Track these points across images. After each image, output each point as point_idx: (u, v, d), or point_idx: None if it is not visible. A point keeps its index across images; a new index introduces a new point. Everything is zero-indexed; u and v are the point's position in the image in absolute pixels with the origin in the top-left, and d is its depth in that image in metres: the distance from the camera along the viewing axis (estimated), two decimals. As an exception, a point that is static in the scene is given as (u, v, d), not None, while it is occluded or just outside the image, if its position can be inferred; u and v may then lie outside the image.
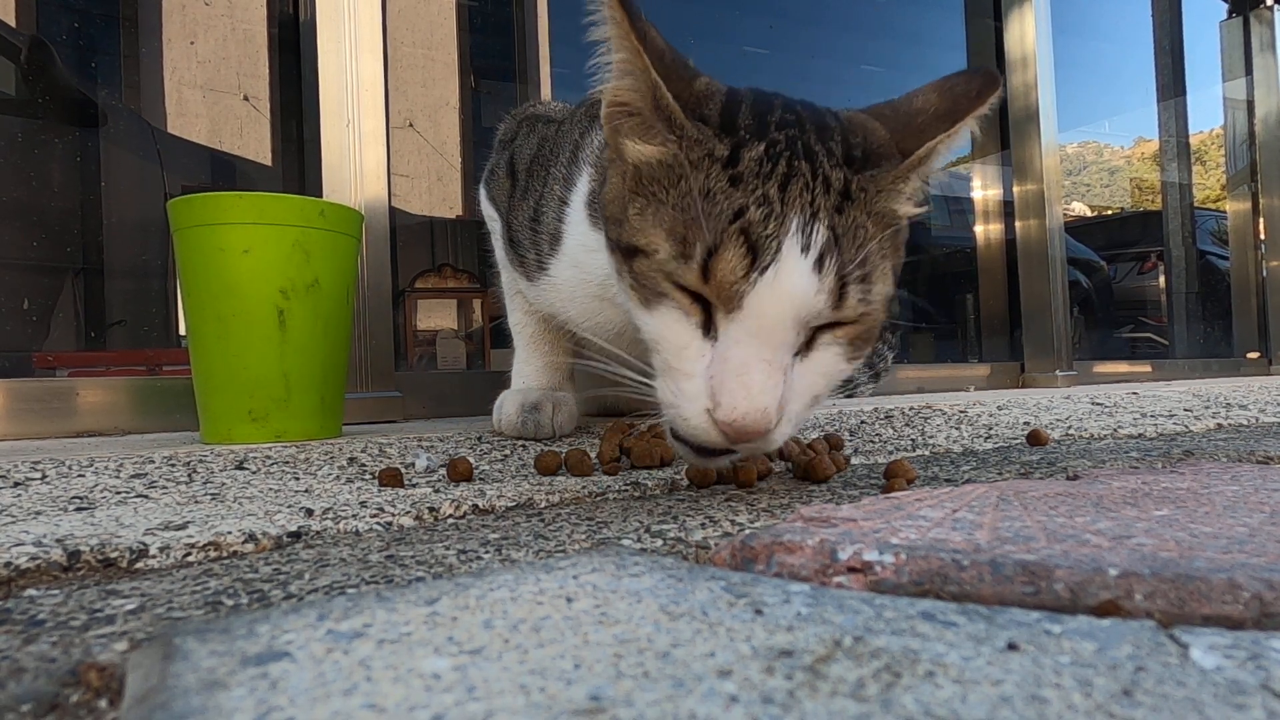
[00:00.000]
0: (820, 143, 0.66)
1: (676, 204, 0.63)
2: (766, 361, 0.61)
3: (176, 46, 2.57)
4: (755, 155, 0.63)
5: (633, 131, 0.68)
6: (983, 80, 0.71)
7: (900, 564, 0.45)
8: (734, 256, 0.60)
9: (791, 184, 0.62)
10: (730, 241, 0.60)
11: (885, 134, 0.71)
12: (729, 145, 0.64)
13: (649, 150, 0.66)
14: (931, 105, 0.71)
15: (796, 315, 0.61)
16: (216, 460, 0.91)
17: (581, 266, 0.96)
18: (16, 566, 0.53)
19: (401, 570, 0.52)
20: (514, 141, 1.20)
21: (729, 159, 0.63)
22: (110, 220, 2.30)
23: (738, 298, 0.60)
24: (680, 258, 0.62)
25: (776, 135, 0.65)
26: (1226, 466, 0.83)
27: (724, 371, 0.60)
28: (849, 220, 0.64)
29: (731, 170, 0.63)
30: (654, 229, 0.64)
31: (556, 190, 1.01)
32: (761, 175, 0.63)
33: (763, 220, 0.61)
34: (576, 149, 1.01)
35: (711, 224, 0.61)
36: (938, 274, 3.99)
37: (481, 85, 3.52)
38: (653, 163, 0.66)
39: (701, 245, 0.61)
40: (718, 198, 0.62)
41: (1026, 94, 2.81)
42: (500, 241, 1.16)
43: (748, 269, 0.60)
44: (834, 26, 4.14)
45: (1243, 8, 3.89)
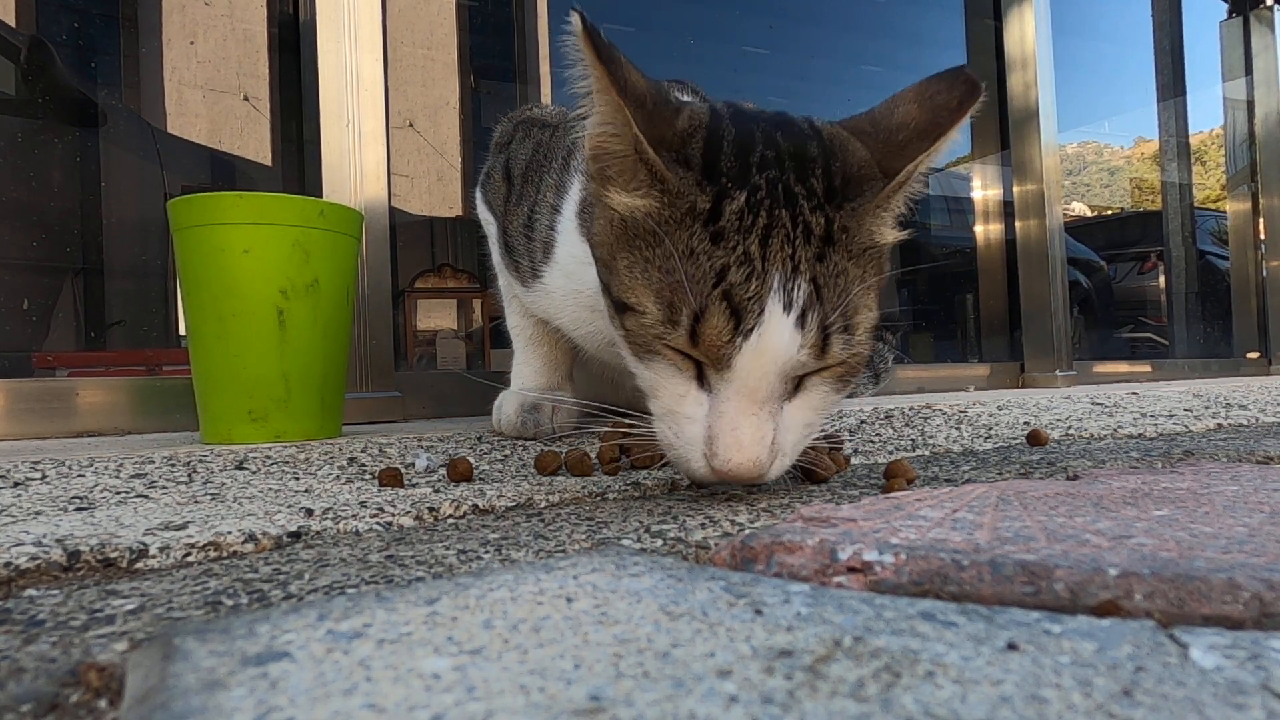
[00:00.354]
0: (800, 182, 0.66)
1: (662, 266, 0.64)
2: (755, 415, 0.63)
3: (176, 46, 2.57)
4: (736, 208, 0.63)
5: (617, 178, 0.67)
6: (964, 89, 0.69)
7: (900, 564, 0.45)
8: (719, 322, 0.61)
9: (772, 238, 0.63)
10: (714, 307, 0.61)
11: (866, 154, 0.70)
12: (710, 196, 0.64)
13: (633, 202, 0.66)
14: (912, 119, 0.70)
15: (781, 372, 0.63)
16: (216, 460, 0.91)
17: (573, 277, 0.96)
18: (16, 566, 0.53)
19: (401, 570, 0.52)
20: (510, 145, 1.20)
21: (710, 213, 0.63)
22: (110, 220, 2.30)
23: (726, 359, 0.62)
24: (668, 323, 0.63)
25: (758, 180, 0.65)
26: (1226, 466, 0.83)
27: (718, 426, 0.64)
28: (830, 268, 0.65)
29: (713, 227, 0.63)
30: (643, 289, 0.65)
31: (549, 198, 1.02)
32: (743, 230, 0.63)
33: (744, 281, 0.62)
34: (569, 156, 1.01)
35: (696, 289, 0.62)
36: (938, 274, 3.99)
37: (481, 85, 3.52)
38: (636, 215, 0.66)
39: (688, 311, 0.62)
40: (700, 258, 0.63)
41: (1026, 94, 2.81)
42: (496, 245, 1.17)
43: (732, 333, 0.61)
44: (834, 26, 4.15)
45: (1243, 8, 3.89)
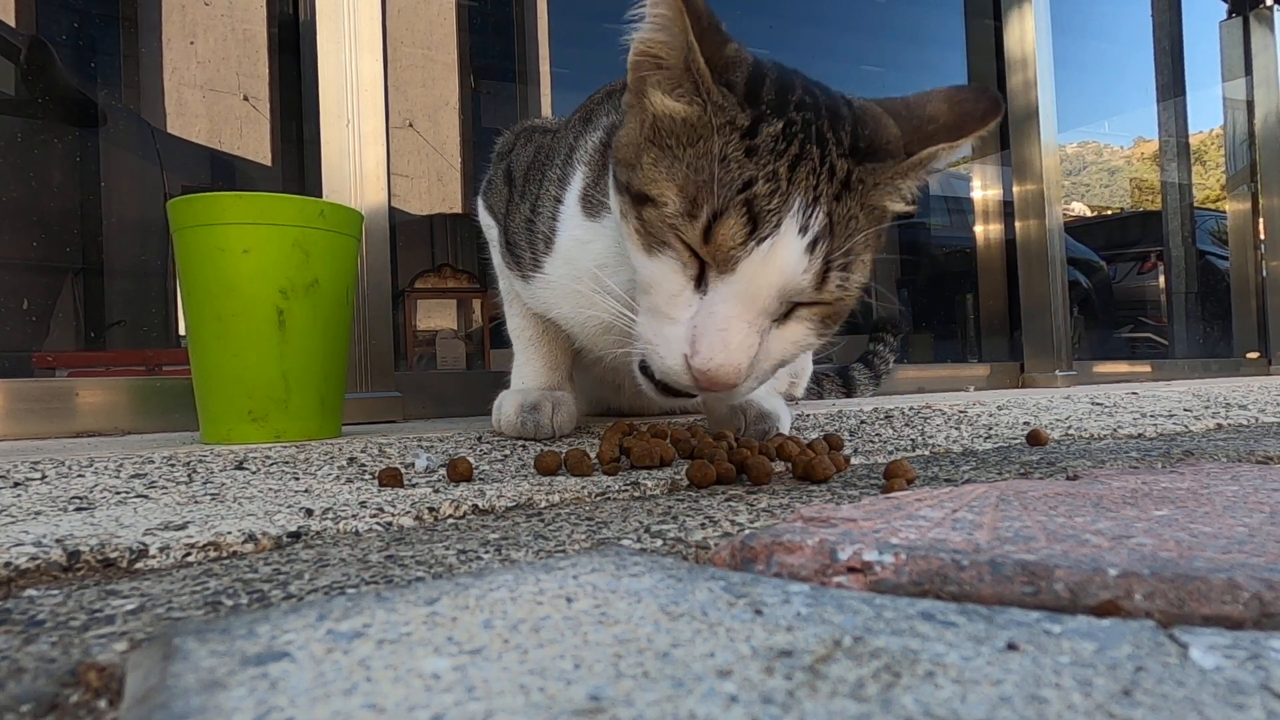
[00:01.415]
0: (832, 129, 0.69)
1: (691, 163, 0.66)
2: (747, 322, 0.66)
3: (176, 46, 2.57)
4: (773, 132, 0.66)
5: (660, 85, 0.70)
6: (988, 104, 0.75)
7: (900, 564, 0.45)
8: (736, 223, 0.64)
9: (801, 165, 0.66)
10: (735, 209, 0.64)
11: (896, 131, 0.74)
12: (750, 117, 0.67)
13: (674, 106, 0.69)
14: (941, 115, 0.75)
15: (782, 288, 0.66)
16: (216, 460, 0.91)
17: (573, 262, 0.98)
18: (16, 566, 0.53)
19: (401, 570, 0.52)
20: (512, 153, 1.21)
21: (748, 130, 0.66)
22: (110, 220, 2.30)
23: (732, 262, 0.65)
24: (687, 215, 0.65)
25: (794, 115, 0.68)
26: (1226, 466, 0.83)
27: (707, 324, 0.66)
28: (845, 209, 0.68)
29: (749, 141, 0.66)
30: (667, 182, 0.67)
31: (551, 191, 1.03)
32: (775, 152, 0.66)
33: (768, 195, 0.64)
34: (571, 151, 1.03)
35: (721, 189, 0.64)
36: (938, 274, 3.99)
37: (481, 85, 3.52)
38: (675, 118, 0.69)
39: (709, 207, 0.64)
40: (731, 165, 0.65)
41: (1026, 94, 2.81)
42: (497, 248, 1.18)
43: (746, 237, 0.64)
44: (834, 26, 4.14)
45: (1243, 8, 3.89)
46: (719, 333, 0.65)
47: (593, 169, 0.97)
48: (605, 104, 1.05)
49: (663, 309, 0.69)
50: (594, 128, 1.02)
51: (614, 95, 1.07)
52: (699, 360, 0.66)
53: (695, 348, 0.66)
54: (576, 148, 1.02)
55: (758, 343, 0.67)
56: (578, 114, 1.09)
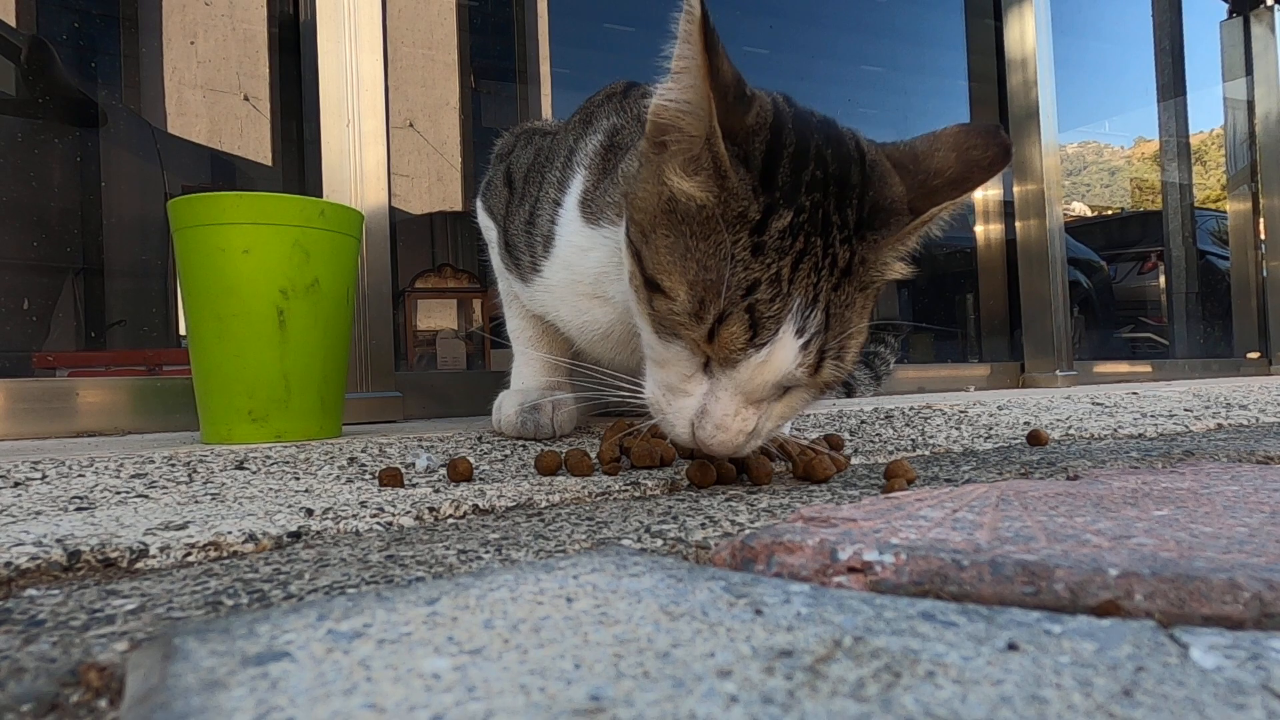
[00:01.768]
0: (838, 210, 0.71)
1: (702, 262, 0.69)
2: (744, 409, 0.72)
3: (176, 46, 2.57)
4: (781, 227, 0.68)
5: (678, 156, 0.71)
6: (996, 150, 0.75)
7: (900, 564, 0.45)
8: (738, 330, 0.68)
9: (804, 262, 0.69)
10: (738, 315, 0.67)
11: (901, 190, 0.75)
12: (762, 207, 0.69)
13: (689, 187, 0.70)
14: (948, 166, 0.76)
15: (778, 382, 0.71)
16: (216, 460, 0.91)
17: (573, 267, 0.98)
18: (16, 566, 0.53)
19: (401, 570, 0.52)
20: (511, 154, 1.21)
21: (758, 225, 0.68)
22: (110, 220, 2.30)
23: (733, 362, 0.69)
24: (694, 317, 0.69)
25: (804, 200, 0.69)
26: (1226, 466, 0.83)
27: (712, 408, 0.71)
28: (842, 298, 0.71)
29: (757, 239, 0.68)
30: (679, 276, 0.70)
31: (551, 193, 1.03)
32: (781, 250, 0.68)
33: (770, 300, 0.67)
34: (571, 154, 1.03)
35: (728, 293, 0.67)
36: (938, 274, 3.99)
37: (481, 85, 3.52)
38: (690, 203, 0.70)
39: (714, 311, 0.68)
40: (739, 268, 0.68)
41: (1026, 94, 2.81)
42: (497, 249, 1.18)
43: (746, 343, 0.68)
44: (834, 26, 4.14)
45: (1243, 8, 3.89)
46: (721, 417, 0.71)
47: (592, 172, 0.97)
48: (605, 105, 1.05)
49: (675, 385, 0.74)
50: (594, 130, 1.02)
51: (614, 97, 1.07)
52: (704, 435, 0.72)
53: (701, 423, 0.72)
54: (576, 150, 1.02)
55: (755, 420, 0.72)
56: (577, 116, 1.10)
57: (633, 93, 1.06)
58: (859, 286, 0.72)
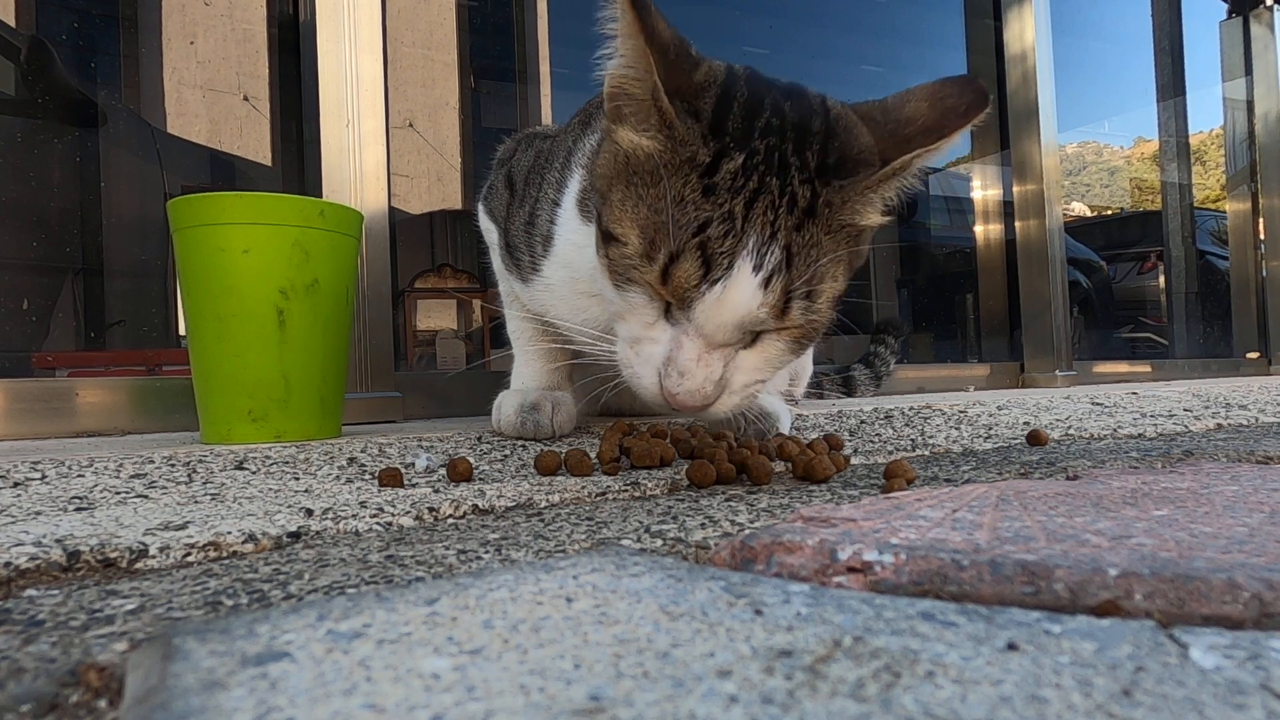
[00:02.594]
0: (797, 152, 0.70)
1: (652, 205, 0.69)
2: (707, 354, 0.71)
3: (176, 46, 2.57)
4: (732, 168, 0.68)
5: (630, 117, 0.72)
6: (972, 97, 0.74)
7: (900, 564, 0.45)
8: (690, 267, 0.67)
9: (758, 200, 0.68)
10: (689, 252, 0.67)
11: (870, 140, 0.74)
12: (711, 151, 0.69)
13: (640, 141, 0.71)
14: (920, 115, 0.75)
15: (739, 324, 0.70)
16: (216, 460, 0.91)
17: (571, 265, 0.99)
18: (16, 566, 0.53)
19: (401, 570, 0.52)
20: (513, 159, 1.22)
21: (707, 167, 0.68)
22: (110, 220, 2.30)
23: (689, 302, 0.69)
24: (645, 259, 0.69)
25: (758, 144, 0.69)
26: (1226, 466, 0.83)
27: (673, 355, 0.71)
28: (806, 238, 0.70)
29: (707, 180, 0.68)
30: (630, 223, 0.70)
31: (550, 194, 1.04)
32: (733, 190, 0.68)
33: (721, 236, 0.67)
34: (569, 154, 1.04)
35: (677, 233, 0.67)
36: (937, 274, 3.99)
37: (481, 85, 3.52)
38: (640, 154, 0.71)
39: (665, 251, 0.68)
40: (688, 207, 0.68)
41: (1026, 94, 2.81)
42: (497, 251, 1.19)
43: (699, 280, 0.67)
44: (834, 26, 4.14)
45: (1243, 8, 3.88)
46: (682, 365, 0.71)
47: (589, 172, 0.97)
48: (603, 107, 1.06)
49: (640, 335, 0.74)
50: (591, 130, 1.03)
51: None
52: (670, 384, 0.71)
53: (666, 372, 0.71)
54: (574, 151, 1.03)
55: (720, 369, 0.71)
56: (577, 118, 1.11)
57: None
58: (825, 230, 0.71)
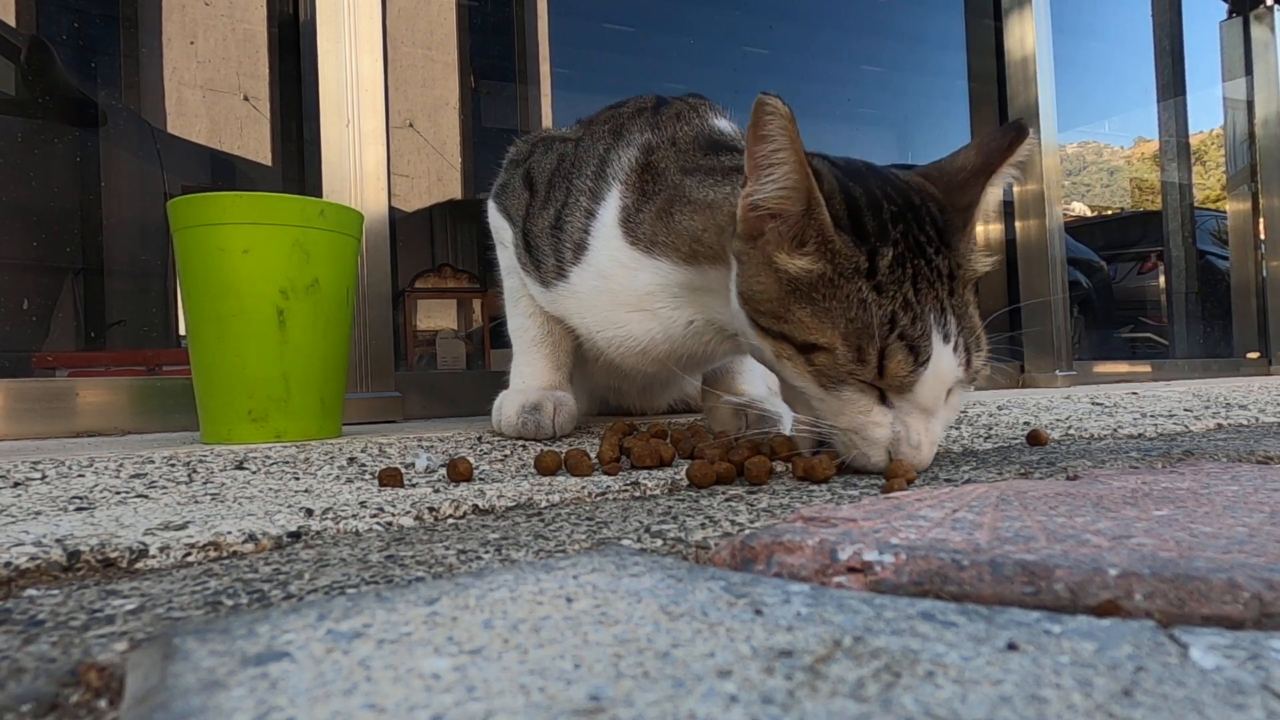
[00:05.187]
0: (922, 230, 0.80)
1: (841, 313, 0.77)
2: (928, 423, 0.80)
3: (176, 46, 2.57)
4: (888, 263, 0.78)
5: (782, 240, 0.80)
6: (1014, 134, 0.86)
7: (900, 564, 0.45)
8: (902, 359, 0.76)
9: (920, 282, 0.78)
10: (895, 349, 0.76)
11: (939, 195, 0.84)
12: (866, 254, 0.78)
13: (804, 264, 0.79)
14: (970, 162, 0.87)
15: (946, 388, 0.80)
16: (216, 460, 0.91)
17: (611, 279, 1.01)
18: (16, 566, 0.53)
19: (401, 570, 0.52)
20: (528, 160, 1.22)
21: (869, 269, 0.77)
22: (110, 220, 2.30)
23: (907, 387, 0.78)
24: (857, 362, 0.77)
25: (896, 234, 0.79)
26: (1226, 466, 0.83)
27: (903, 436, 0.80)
28: (959, 299, 0.81)
29: (874, 280, 0.77)
30: (830, 332, 0.78)
31: (583, 202, 1.05)
32: (897, 280, 0.77)
33: (912, 324, 0.76)
34: (603, 164, 1.05)
35: (879, 332, 0.76)
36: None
37: (481, 85, 3.52)
38: (808, 275, 0.79)
39: (874, 351, 0.76)
40: (872, 307, 0.76)
41: (1026, 94, 2.81)
42: (511, 249, 1.18)
43: (912, 367, 0.76)
44: (834, 27, 4.14)
45: (1243, 8, 3.88)
46: (916, 437, 0.80)
47: (630, 189, 1.01)
48: (637, 120, 1.08)
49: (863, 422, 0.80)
50: (626, 143, 1.04)
51: (644, 112, 1.08)
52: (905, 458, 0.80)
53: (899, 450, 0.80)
54: (609, 161, 1.04)
55: (939, 431, 0.82)
56: (606, 126, 1.10)
57: (664, 110, 1.08)
58: (965, 285, 0.82)
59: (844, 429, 0.81)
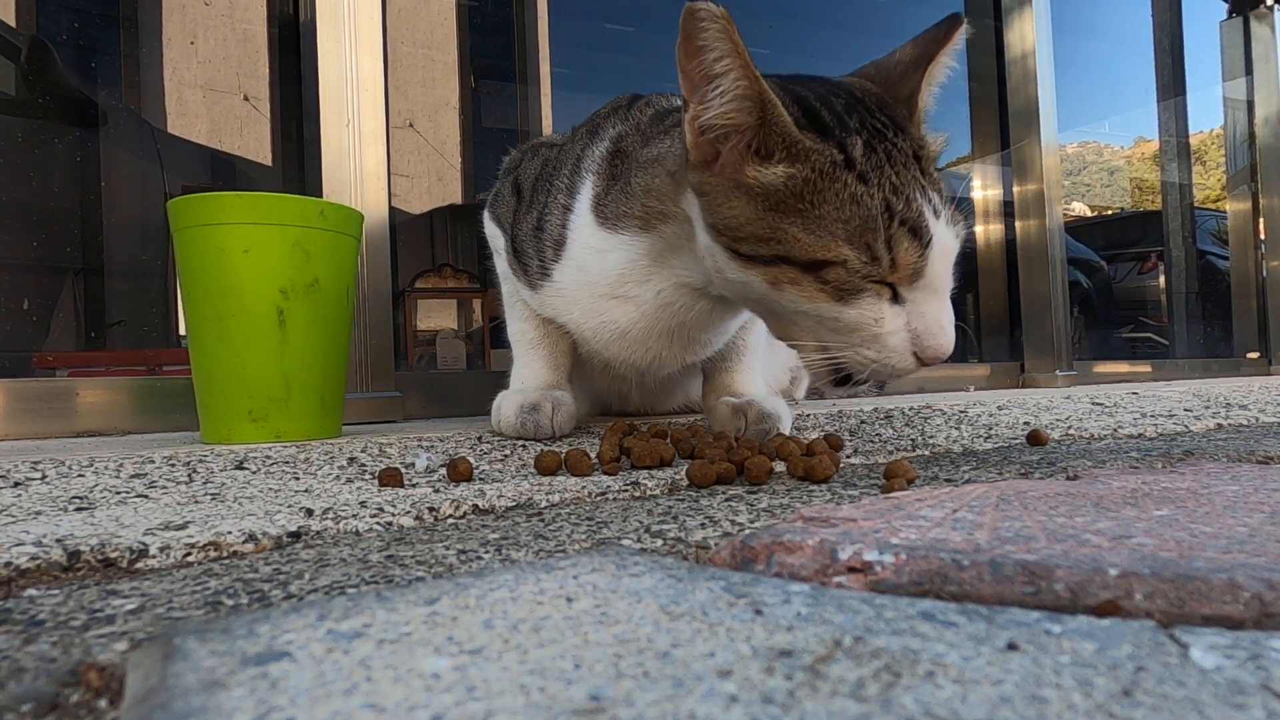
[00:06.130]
0: (874, 119, 0.78)
1: (835, 216, 0.74)
2: (943, 303, 0.78)
3: (176, 46, 2.57)
4: (861, 150, 0.75)
5: (744, 157, 0.76)
6: (948, 23, 0.85)
7: (900, 564, 0.45)
8: (908, 245, 0.73)
9: (896, 164, 0.76)
10: (899, 236, 0.73)
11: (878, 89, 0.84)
12: (836, 146, 0.75)
13: (777, 172, 0.75)
14: (907, 56, 0.86)
15: (951, 262, 0.78)
16: (216, 460, 0.91)
17: (588, 269, 1.00)
18: (16, 566, 0.53)
19: (401, 570, 0.52)
20: (519, 167, 1.24)
21: (847, 161, 0.75)
22: (110, 220, 2.30)
23: (918, 273, 0.75)
24: (871, 262, 0.74)
25: (855, 123, 0.77)
26: (1226, 466, 0.83)
27: (923, 326, 0.76)
28: (931, 176, 0.79)
29: (855, 170, 0.74)
30: (833, 241, 0.74)
31: (560, 199, 1.05)
32: (877, 167, 0.75)
33: (905, 206, 0.74)
34: (579, 161, 1.05)
35: (882, 224, 0.73)
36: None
37: (481, 85, 3.52)
38: (786, 183, 0.75)
39: (883, 245, 0.73)
40: (864, 200, 0.74)
41: (1026, 94, 2.81)
42: (503, 256, 1.20)
43: (920, 250, 0.74)
44: (834, 26, 4.14)
45: (1243, 8, 3.88)
46: (937, 327, 0.76)
47: (601, 178, 1.00)
48: (612, 117, 1.09)
49: (877, 332, 0.77)
50: (600, 139, 1.05)
51: (619, 110, 1.09)
52: (930, 353, 0.77)
53: (923, 345, 0.76)
54: (584, 158, 1.05)
55: (949, 308, 0.79)
56: (584, 128, 1.13)
57: (637, 103, 1.09)
58: (931, 160, 0.81)
59: (859, 345, 0.78)
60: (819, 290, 0.76)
